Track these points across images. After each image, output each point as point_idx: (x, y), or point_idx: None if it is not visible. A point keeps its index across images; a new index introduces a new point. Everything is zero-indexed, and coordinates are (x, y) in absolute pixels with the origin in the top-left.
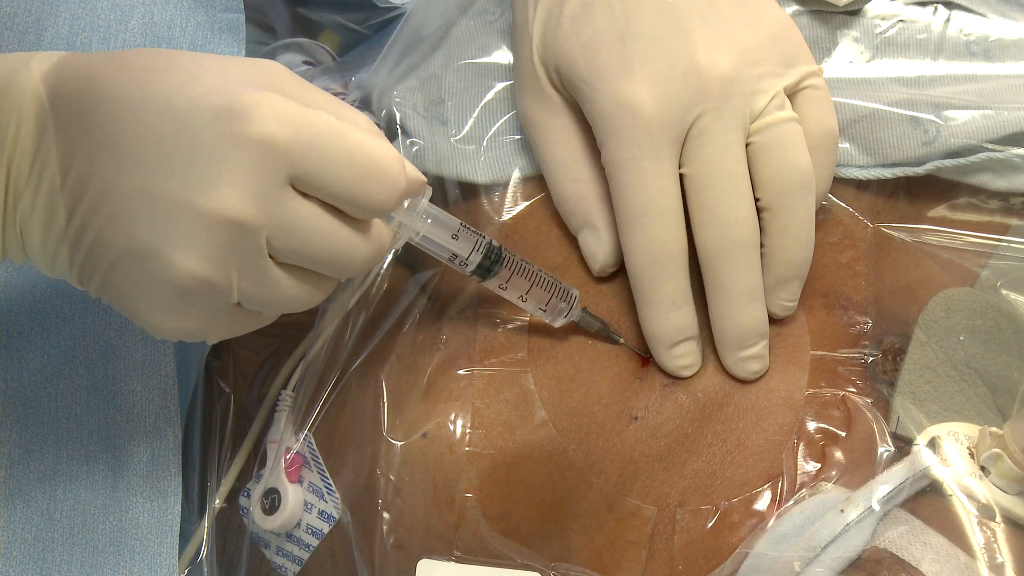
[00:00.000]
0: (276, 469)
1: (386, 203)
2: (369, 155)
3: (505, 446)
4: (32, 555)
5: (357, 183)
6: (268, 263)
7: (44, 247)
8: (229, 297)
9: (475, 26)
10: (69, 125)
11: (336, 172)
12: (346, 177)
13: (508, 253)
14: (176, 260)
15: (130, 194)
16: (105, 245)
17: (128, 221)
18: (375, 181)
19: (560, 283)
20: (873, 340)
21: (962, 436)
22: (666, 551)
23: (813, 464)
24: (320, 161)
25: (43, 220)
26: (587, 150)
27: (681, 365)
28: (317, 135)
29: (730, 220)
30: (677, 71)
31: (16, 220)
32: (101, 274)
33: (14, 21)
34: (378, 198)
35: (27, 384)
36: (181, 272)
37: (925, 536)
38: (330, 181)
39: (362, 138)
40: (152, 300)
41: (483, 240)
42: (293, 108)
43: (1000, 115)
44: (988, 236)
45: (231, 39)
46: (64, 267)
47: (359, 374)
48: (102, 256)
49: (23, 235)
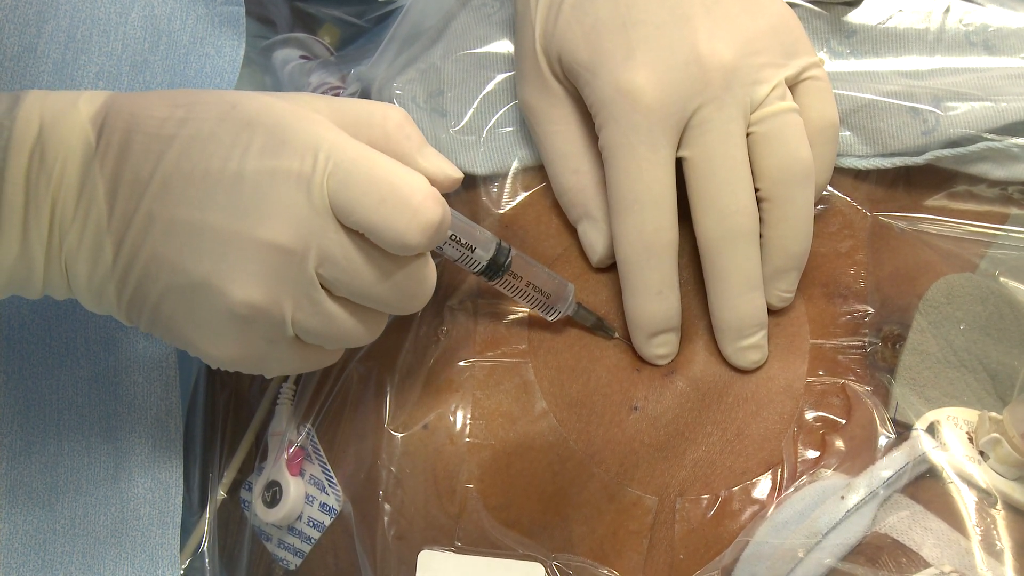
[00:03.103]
0: (277, 462)
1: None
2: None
3: (506, 437)
4: (33, 546)
5: (377, 210)
6: (321, 294)
7: (90, 284)
8: (285, 328)
9: (475, 19)
10: (115, 163)
11: (358, 199)
12: (367, 204)
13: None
14: (229, 289)
15: (177, 227)
16: (153, 279)
17: (176, 254)
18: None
19: (557, 277)
20: (872, 328)
21: (961, 421)
22: (667, 540)
23: (813, 452)
24: (344, 188)
25: (89, 258)
26: (588, 141)
27: (658, 354)
28: (343, 162)
29: (731, 209)
30: (678, 59)
31: (62, 258)
32: (151, 308)
33: (15, 14)
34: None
35: (28, 375)
36: (234, 301)
37: (926, 521)
38: (353, 208)
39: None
40: (206, 331)
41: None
42: (325, 135)
43: (999, 105)
44: (987, 225)
45: (231, 32)
46: (111, 303)
47: (360, 367)
48: (151, 290)
49: (68, 273)
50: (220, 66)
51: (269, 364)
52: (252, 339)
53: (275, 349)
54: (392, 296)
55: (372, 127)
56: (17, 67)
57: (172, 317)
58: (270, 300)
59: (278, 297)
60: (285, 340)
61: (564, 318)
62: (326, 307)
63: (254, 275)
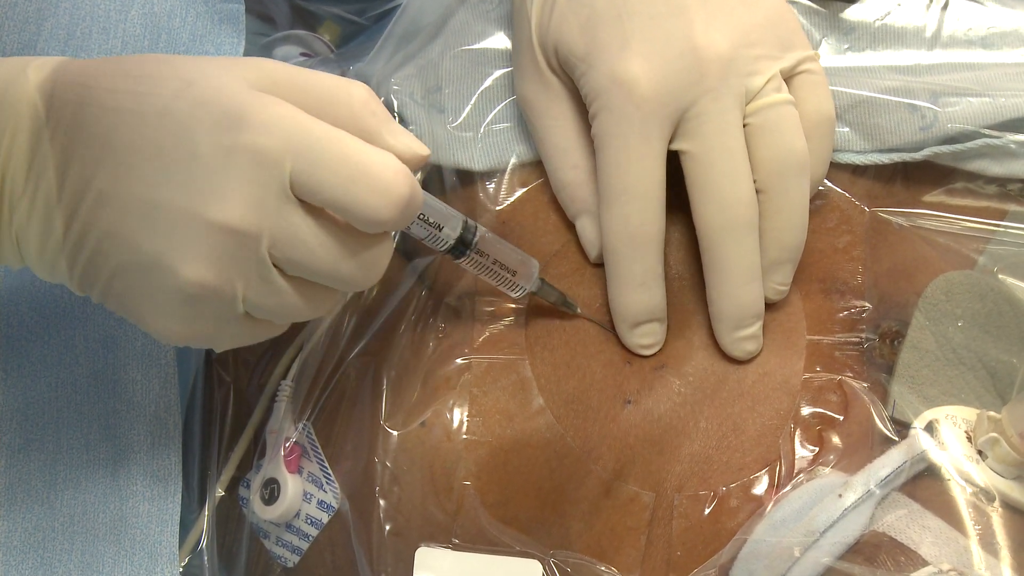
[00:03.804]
0: (275, 459)
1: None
2: (362, 161)
3: (503, 434)
4: (32, 544)
5: (348, 189)
6: (273, 273)
7: (41, 257)
8: (235, 306)
9: (472, 15)
10: (65, 136)
11: (327, 178)
12: (337, 183)
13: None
14: (180, 269)
15: (129, 205)
16: (105, 255)
17: (128, 231)
18: (368, 187)
19: (521, 254)
20: (870, 324)
21: (960, 420)
22: (664, 537)
23: (810, 449)
24: (312, 167)
25: (40, 231)
26: (586, 136)
27: (641, 344)
28: (310, 141)
29: (731, 199)
30: (674, 50)
31: (12, 231)
32: (102, 283)
33: (15, 11)
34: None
35: (27, 373)
36: (185, 280)
37: (924, 519)
38: (321, 187)
39: (357, 145)
40: (157, 308)
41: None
42: (288, 113)
43: (997, 101)
44: (985, 221)
45: (231, 30)
46: (63, 275)
47: (357, 364)
48: (102, 266)
49: (19, 245)
50: None
51: (219, 340)
52: (202, 317)
53: (225, 326)
54: (350, 273)
55: (337, 105)
56: None
57: (123, 293)
58: (221, 280)
59: (230, 277)
60: (235, 317)
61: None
62: (278, 286)
63: (205, 255)
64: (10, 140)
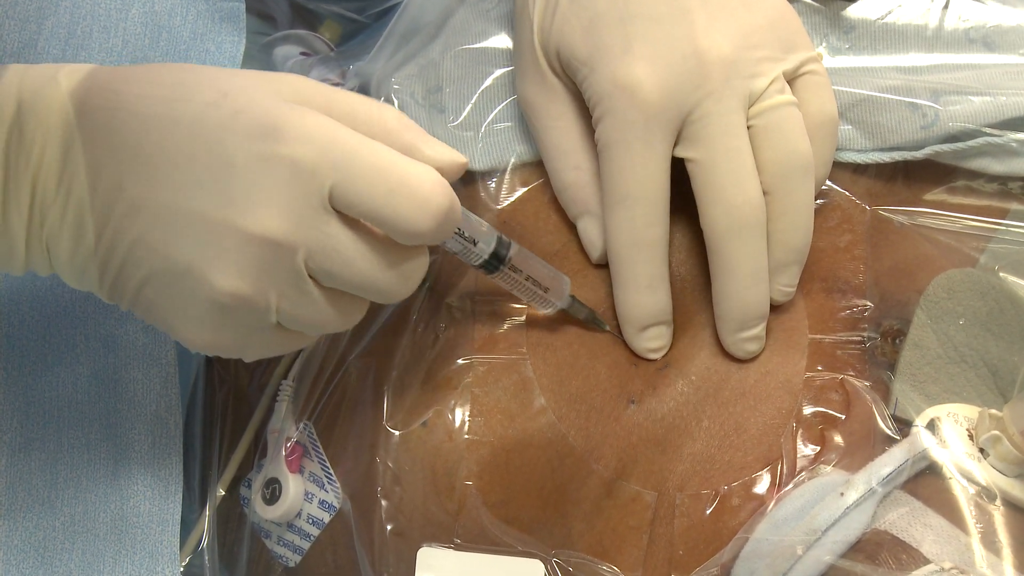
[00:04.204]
0: (277, 459)
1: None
2: (400, 173)
3: (505, 433)
4: (33, 544)
5: (387, 201)
6: (308, 285)
7: (72, 263)
8: (268, 317)
9: (473, 14)
10: (97, 143)
11: (366, 189)
12: (375, 195)
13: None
14: (213, 278)
15: (162, 213)
16: (136, 263)
17: (161, 240)
18: (406, 198)
19: (553, 271)
20: (872, 323)
21: (961, 418)
22: (666, 536)
23: (812, 447)
24: (350, 178)
25: (71, 237)
26: (587, 136)
27: (649, 347)
28: (347, 152)
29: (737, 200)
30: (677, 53)
31: (43, 237)
32: (133, 291)
33: (15, 10)
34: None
35: (28, 373)
36: (218, 290)
37: (925, 518)
38: (360, 199)
39: (395, 158)
40: (188, 317)
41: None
42: (324, 124)
43: (999, 100)
44: (986, 220)
45: (231, 28)
46: (93, 282)
47: (359, 364)
48: (133, 274)
49: (49, 251)
50: (220, 63)
51: (249, 349)
52: (234, 327)
53: (256, 336)
54: (386, 285)
55: (371, 121)
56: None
57: (154, 301)
58: (255, 291)
59: (264, 288)
60: (268, 328)
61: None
62: (312, 297)
63: (240, 266)
64: (41, 146)
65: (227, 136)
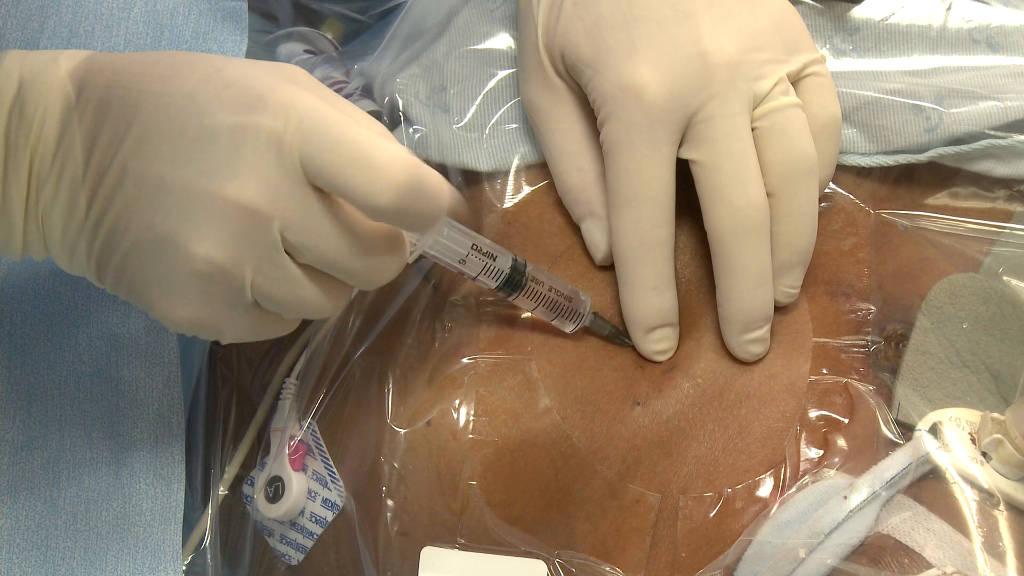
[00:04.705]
0: (280, 457)
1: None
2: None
3: (509, 433)
4: (35, 541)
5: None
6: (284, 259)
7: (64, 239)
8: (244, 292)
9: (477, 15)
10: (92, 118)
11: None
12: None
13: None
14: (190, 245)
15: (148, 183)
16: (121, 233)
17: (144, 208)
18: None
19: (575, 290)
20: (876, 327)
21: (964, 422)
22: (669, 538)
23: (815, 451)
24: (318, 149)
25: (64, 211)
26: (591, 138)
27: (656, 350)
28: (320, 124)
29: (741, 202)
30: (681, 55)
31: (38, 213)
32: (116, 263)
33: (17, 8)
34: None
35: (30, 371)
36: (195, 257)
37: (928, 522)
38: (325, 169)
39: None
40: (166, 288)
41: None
42: (307, 99)
43: (1003, 103)
44: (991, 223)
45: (234, 27)
46: (82, 260)
47: (363, 362)
48: (118, 244)
49: (44, 227)
50: None
51: (225, 328)
52: (211, 300)
53: (233, 313)
54: (358, 266)
55: None
56: None
57: (135, 275)
58: (231, 260)
59: (240, 257)
60: (243, 304)
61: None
62: (288, 272)
63: (217, 233)
64: (40, 123)
65: (215, 107)
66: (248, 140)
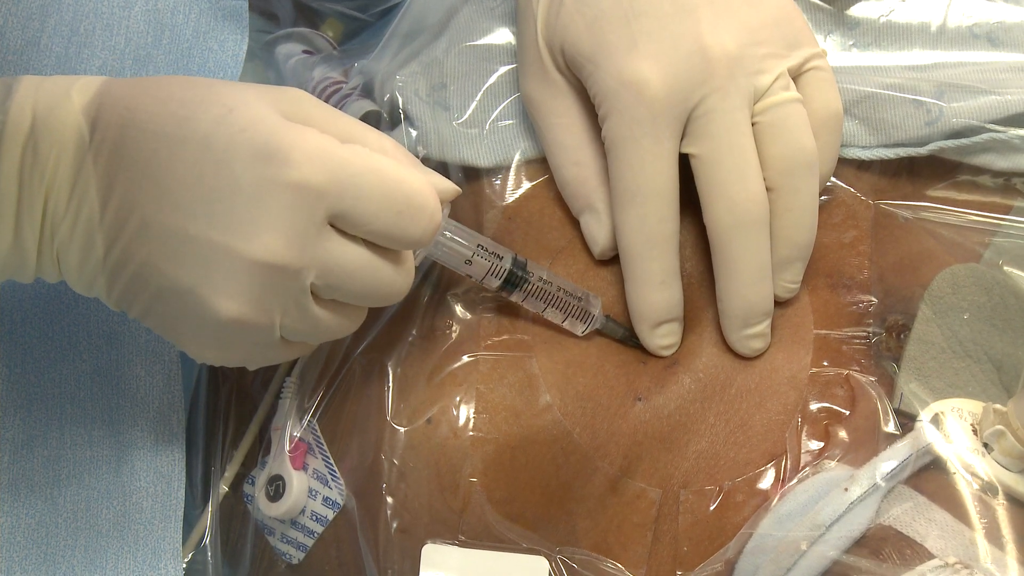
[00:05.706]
0: (280, 456)
1: (423, 237)
2: (406, 193)
3: (510, 430)
4: (36, 540)
5: (395, 221)
6: (310, 301)
7: (81, 274)
8: (272, 334)
9: (477, 12)
10: (108, 159)
11: (374, 211)
12: (384, 216)
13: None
14: (216, 303)
15: (170, 234)
16: (144, 281)
17: (168, 261)
18: (412, 218)
19: (584, 292)
20: (877, 318)
21: (966, 412)
22: (671, 533)
23: (816, 443)
24: (357, 202)
25: (80, 250)
26: (591, 133)
27: (662, 345)
28: (353, 176)
29: (741, 197)
30: (682, 50)
31: (53, 248)
32: (142, 305)
33: (18, 7)
34: (415, 233)
35: (30, 370)
36: (222, 315)
37: (930, 513)
38: (368, 220)
39: (398, 174)
40: (195, 334)
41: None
42: (328, 147)
43: (1003, 96)
44: (991, 215)
45: (234, 27)
46: (101, 293)
47: (363, 360)
48: (141, 291)
49: (60, 262)
50: (223, 61)
51: (254, 362)
52: (240, 345)
53: (261, 351)
54: (383, 292)
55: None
56: (20, 60)
57: (162, 319)
58: (259, 314)
59: (269, 308)
60: (272, 343)
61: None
62: (314, 312)
63: (243, 291)
64: (55, 162)
65: (233, 157)
66: (272, 194)
